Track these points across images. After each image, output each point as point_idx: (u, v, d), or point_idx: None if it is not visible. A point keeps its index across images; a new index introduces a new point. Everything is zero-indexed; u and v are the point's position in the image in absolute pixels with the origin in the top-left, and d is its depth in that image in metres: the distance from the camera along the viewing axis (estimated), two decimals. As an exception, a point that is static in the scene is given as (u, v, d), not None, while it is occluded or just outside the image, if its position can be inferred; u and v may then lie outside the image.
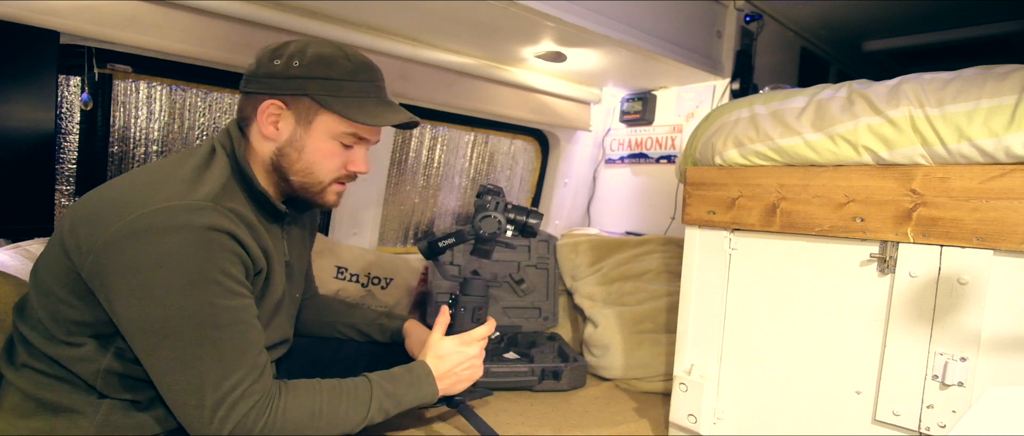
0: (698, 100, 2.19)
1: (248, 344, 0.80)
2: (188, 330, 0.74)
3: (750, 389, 1.25)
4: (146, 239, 0.73)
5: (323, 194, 0.95)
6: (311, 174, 0.92)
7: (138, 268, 0.73)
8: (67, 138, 1.43)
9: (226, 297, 0.77)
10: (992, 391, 0.59)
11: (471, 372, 1.05)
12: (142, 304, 0.74)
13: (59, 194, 1.45)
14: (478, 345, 1.06)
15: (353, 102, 0.89)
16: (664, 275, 1.95)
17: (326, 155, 0.91)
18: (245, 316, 0.80)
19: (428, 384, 0.98)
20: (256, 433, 0.77)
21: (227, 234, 0.77)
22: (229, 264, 0.78)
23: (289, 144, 0.90)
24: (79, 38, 1.32)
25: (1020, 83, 0.91)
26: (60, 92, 1.39)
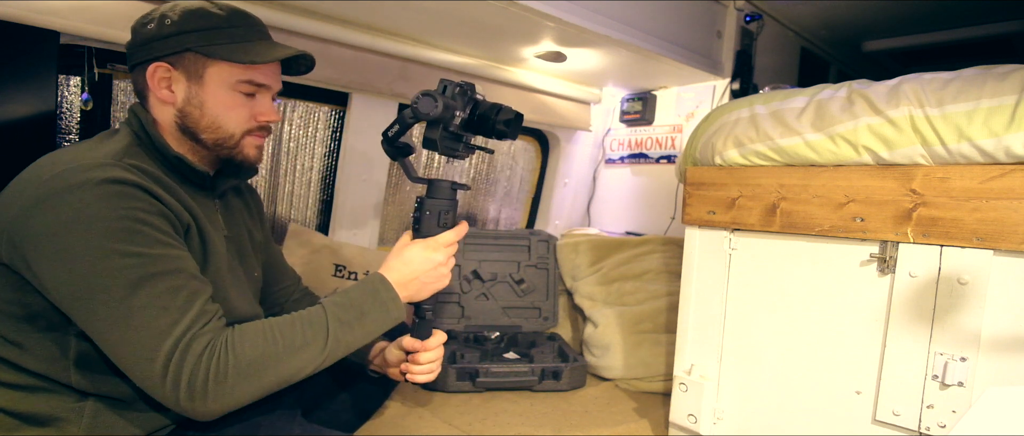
0: (698, 100, 2.19)
1: (194, 292, 0.75)
2: (120, 282, 0.70)
3: (750, 389, 1.25)
4: (52, 203, 0.70)
5: (240, 148, 0.92)
6: (219, 128, 0.89)
7: (51, 233, 0.70)
8: (67, 138, 1.43)
9: (153, 245, 0.73)
10: (992, 391, 0.59)
11: (436, 279, 0.96)
12: (66, 269, 0.70)
13: (59, 194, 1.44)
14: (445, 250, 0.97)
15: (237, 46, 0.87)
16: (664, 275, 1.95)
17: (228, 106, 0.89)
18: (183, 264, 0.76)
19: (386, 291, 0.90)
20: (208, 374, 0.72)
21: (134, 185, 0.74)
22: (145, 213, 0.74)
23: (188, 103, 0.87)
24: (79, 38, 1.32)
25: (1020, 83, 0.91)
26: (60, 92, 1.39)
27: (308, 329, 0.81)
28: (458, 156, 1.02)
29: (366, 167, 1.89)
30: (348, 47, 1.63)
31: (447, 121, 0.95)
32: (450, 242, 0.98)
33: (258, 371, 0.75)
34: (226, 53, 0.86)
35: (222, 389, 0.72)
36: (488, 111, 0.98)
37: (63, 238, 0.70)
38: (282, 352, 0.78)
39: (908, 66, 1.45)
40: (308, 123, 1.86)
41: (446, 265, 0.98)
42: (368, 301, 0.88)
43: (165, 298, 0.72)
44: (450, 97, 0.96)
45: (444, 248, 0.97)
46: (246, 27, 0.90)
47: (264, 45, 0.91)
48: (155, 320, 0.71)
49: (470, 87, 0.99)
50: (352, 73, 1.67)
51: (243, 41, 0.88)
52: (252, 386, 0.75)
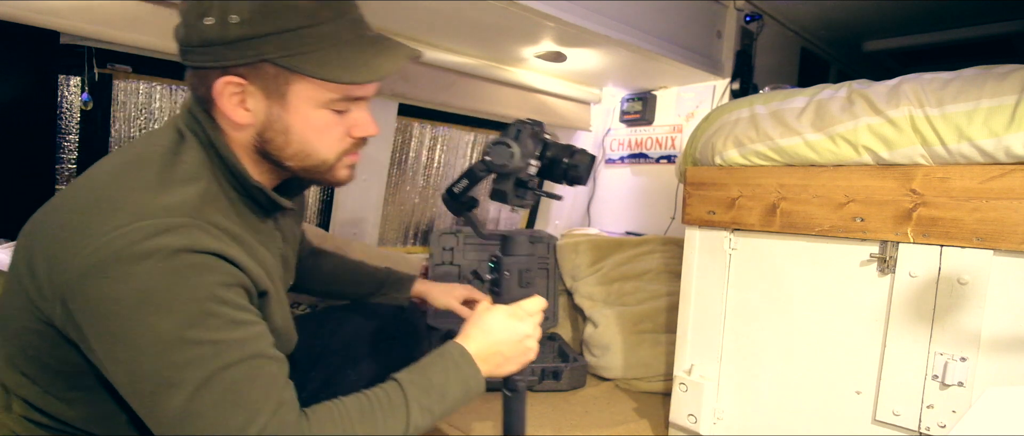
0: (698, 100, 2.19)
1: (270, 379, 0.64)
2: (191, 377, 0.59)
3: (750, 389, 1.25)
4: (113, 276, 0.57)
5: (333, 172, 0.76)
6: (309, 156, 0.73)
7: (112, 314, 0.58)
8: (67, 138, 1.43)
9: (229, 329, 0.61)
10: (992, 391, 0.59)
11: (522, 352, 0.82)
12: (129, 356, 0.59)
13: (59, 194, 1.45)
14: (531, 319, 0.82)
15: (327, 55, 0.67)
16: (664, 275, 1.95)
17: (319, 130, 0.72)
18: (260, 346, 0.64)
19: (467, 366, 0.77)
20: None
21: (214, 255, 0.62)
22: (223, 290, 0.62)
23: (268, 127, 0.70)
24: (79, 38, 1.32)
25: (1020, 83, 0.91)
26: (60, 92, 1.39)
27: (387, 417, 0.69)
28: (525, 205, 0.89)
29: (366, 166, 1.89)
30: (348, 47, 1.63)
31: (523, 171, 0.83)
32: (537, 309, 0.84)
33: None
34: (316, 66, 0.67)
35: None
36: (559, 154, 0.85)
37: (127, 321, 0.58)
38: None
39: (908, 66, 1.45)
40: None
41: (534, 336, 0.83)
42: (449, 380, 0.75)
43: (240, 392, 0.61)
44: (523, 143, 0.83)
45: (530, 318, 0.83)
46: (338, 21, 0.69)
47: (363, 50, 0.70)
48: (228, 419, 0.60)
49: (540, 127, 0.86)
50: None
51: (336, 45, 0.68)
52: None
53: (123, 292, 0.57)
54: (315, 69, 0.67)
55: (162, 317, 0.58)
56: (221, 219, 0.67)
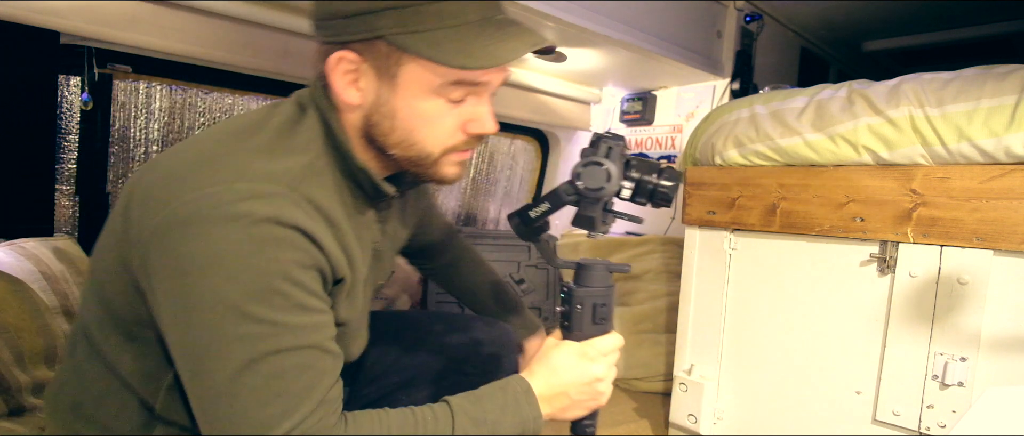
0: (698, 100, 2.19)
1: (319, 374, 0.60)
2: (240, 353, 0.56)
3: (750, 389, 1.25)
4: (194, 232, 0.56)
5: (437, 167, 0.69)
6: (412, 146, 0.66)
7: (182, 271, 0.56)
8: (67, 138, 1.43)
9: (292, 312, 0.58)
10: (992, 391, 0.59)
11: (591, 397, 0.73)
12: (186, 314, 0.57)
13: (59, 194, 1.45)
14: (604, 361, 0.73)
15: (444, 35, 0.61)
16: (664, 275, 1.95)
17: (426, 119, 0.65)
18: (318, 338, 0.61)
19: (528, 406, 0.69)
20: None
21: (300, 231, 0.58)
22: (299, 270, 0.59)
23: (376, 110, 0.65)
24: (79, 38, 1.32)
25: (1020, 83, 0.91)
26: (60, 92, 1.39)
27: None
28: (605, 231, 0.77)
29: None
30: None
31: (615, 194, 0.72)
32: (611, 349, 0.75)
33: None
34: (429, 46, 0.61)
35: None
36: (645, 173, 0.73)
37: (193, 281, 0.56)
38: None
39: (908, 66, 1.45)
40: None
41: (606, 380, 0.74)
42: (505, 417, 0.68)
43: (285, 381, 0.58)
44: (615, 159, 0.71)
45: (603, 359, 0.73)
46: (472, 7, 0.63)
47: (486, 32, 0.63)
48: (265, 407, 0.57)
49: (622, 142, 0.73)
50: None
51: (456, 25, 0.62)
52: None
53: (199, 249, 0.55)
54: (427, 49, 0.61)
55: (228, 283, 0.55)
56: (320, 196, 0.63)
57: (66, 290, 1.21)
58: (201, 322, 0.56)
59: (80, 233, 1.49)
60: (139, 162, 1.58)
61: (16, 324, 1.05)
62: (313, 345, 0.60)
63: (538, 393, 0.70)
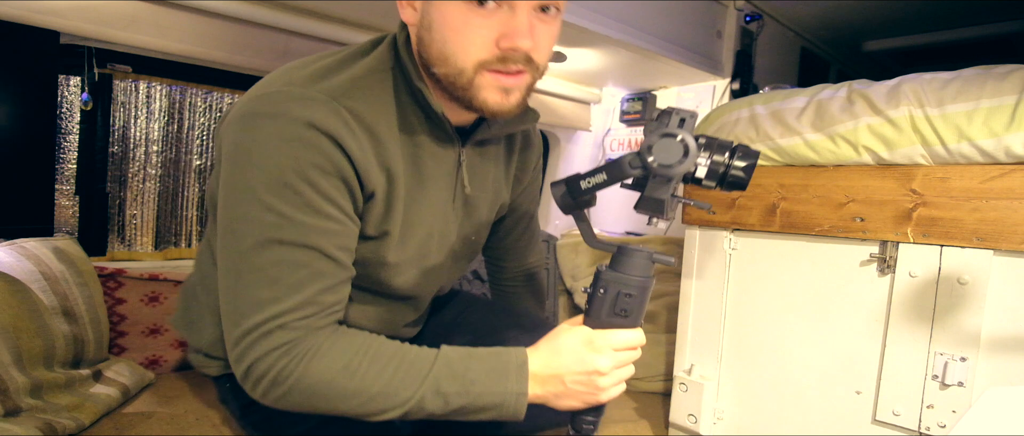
0: (698, 100, 2.19)
1: (314, 275, 0.64)
2: (249, 236, 0.62)
3: (750, 389, 1.25)
4: (246, 124, 0.63)
5: (472, 90, 0.67)
6: (446, 59, 0.66)
7: (232, 155, 0.64)
8: (67, 138, 1.43)
9: (303, 211, 0.62)
10: (992, 391, 0.59)
11: (587, 390, 0.69)
12: (226, 194, 0.65)
13: (59, 194, 1.45)
14: (612, 356, 0.69)
15: None
16: (664, 275, 1.95)
17: (456, 28, 0.65)
18: (322, 241, 0.64)
19: (516, 379, 0.67)
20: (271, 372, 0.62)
21: (328, 136, 0.63)
22: (316, 173, 0.63)
23: (422, 25, 0.68)
24: (79, 38, 1.32)
25: (1020, 83, 0.91)
26: (60, 92, 1.39)
27: (398, 378, 0.65)
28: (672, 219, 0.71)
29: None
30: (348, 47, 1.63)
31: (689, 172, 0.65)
32: (625, 345, 0.69)
33: (317, 395, 0.64)
34: None
35: (275, 392, 0.64)
36: (717, 152, 0.66)
37: (236, 165, 0.64)
38: (355, 388, 0.64)
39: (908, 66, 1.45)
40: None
41: (608, 376, 0.69)
42: (489, 381, 0.67)
43: (281, 269, 0.63)
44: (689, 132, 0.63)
45: (612, 353, 0.69)
46: None
47: None
48: (260, 288, 0.63)
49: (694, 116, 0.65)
50: (352, 73, 1.67)
51: None
52: (306, 405, 0.65)
53: (243, 140, 0.63)
54: None
55: (254, 171, 0.62)
56: (365, 110, 0.67)
57: (66, 290, 1.21)
58: (229, 202, 0.64)
59: (80, 233, 1.49)
60: (139, 162, 1.58)
61: (15, 324, 1.05)
62: (314, 246, 0.64)
63: (533, 371, 0.68)
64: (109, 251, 1.56)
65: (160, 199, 1.64)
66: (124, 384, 1.24)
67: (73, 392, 1.13)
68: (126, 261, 1.56)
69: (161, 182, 1.63)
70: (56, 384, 1.10)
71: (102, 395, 1.17)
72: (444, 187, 0.77)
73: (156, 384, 1.35)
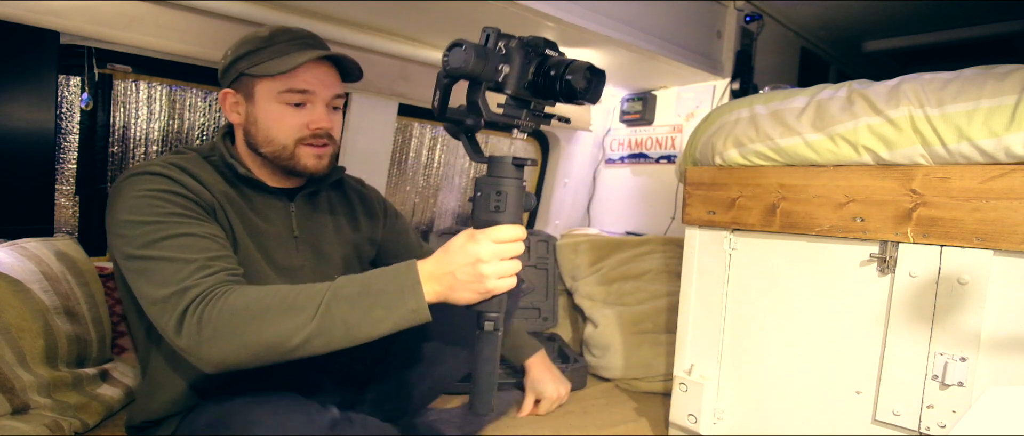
0: (698, 100, 2.19)
1: (199, 248, 0.82)
2: (139, 243, 0.81)
3: (750, 389, 1.25)
4: (115, 191, 0.87)
5: (295, 159, 0.98)
6: (272, 141, 0.97)
7: (108, 218, 0.86)
8: (67, 138, 1.43)
9: (169, 216, 0.83)
10: (992, 391, 0.59)
11: (473, 278, 0.77)
12: (113, 240, 0.84)
13: (59, 194, 1.45)
14: (491, 246, 0.76)
15: (276, 61, 0.93)
16: (664, 275, 1.95)
17: (276, 118, 0.96)
18: (196, 229, 0.84)
19: (408, 276, 0.77)
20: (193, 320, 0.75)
21: (160, 175, 0.86)
22: (164, 193, 0.85)
23: (248, 122, 0.98)
24: (79, 38, 1.32)
25: (1020, 83, 0.91)
26: (60, 92, 1.39)
27: (303, 295, 0.76)
28: (521, 126, 0.82)
29: (366, 166, 1.89)
30: (348, 47, 1.63)
31: (489, 78, 0.75)
32: (502, 238, 0.78)
33: (238, 324, 0.74)
34: (265, 68, 0.93)
35: (202, 338, 0.74)
36: (555, 67, 0.77)
37: (112, 218, 0.85)
38: (267, 310, 0.74)
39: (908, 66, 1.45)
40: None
41: (490, 263, 0.76)
42: (382, 280, 0.78)
43: (176, 252, 0.80)
44: (495, 49, 0.75)
45: (491, 242, 0.77)
46: (288, 41, 0.95)
47: (298, 53, 0.94)
48: (166, 271, 0.79)
49: (534, 42, 0.78)
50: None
51: (283, 54, 0.94)
52: (233, 339, 0.74)
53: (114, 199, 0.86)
54: (265, 69, 0.93)
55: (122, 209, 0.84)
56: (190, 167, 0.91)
57: (66, 290, 1.21)
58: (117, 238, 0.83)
59: (80, 233, 1.49)
60: (139, 162, 1.58)
61: (17, 324, 1.05)
62: (188, 233, 0.83)
63: (426, 271, 0.79)
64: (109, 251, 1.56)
65: (160, 199, 1.64)
66: (128, 385, 1.24)
67: (81, 391, 1.13)
68: (126, 261, 1.56)
69: (161, 182, 1.63)
70: (64, 383, 1.10)
71: (107, 395, 1.17)
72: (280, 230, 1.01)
73: (156, 384, 1.35)
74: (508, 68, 0.76)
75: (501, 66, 0.76)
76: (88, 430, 1.09)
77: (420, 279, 0.77)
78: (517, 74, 0.77)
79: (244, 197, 0.98)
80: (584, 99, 0.77)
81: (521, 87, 0.78)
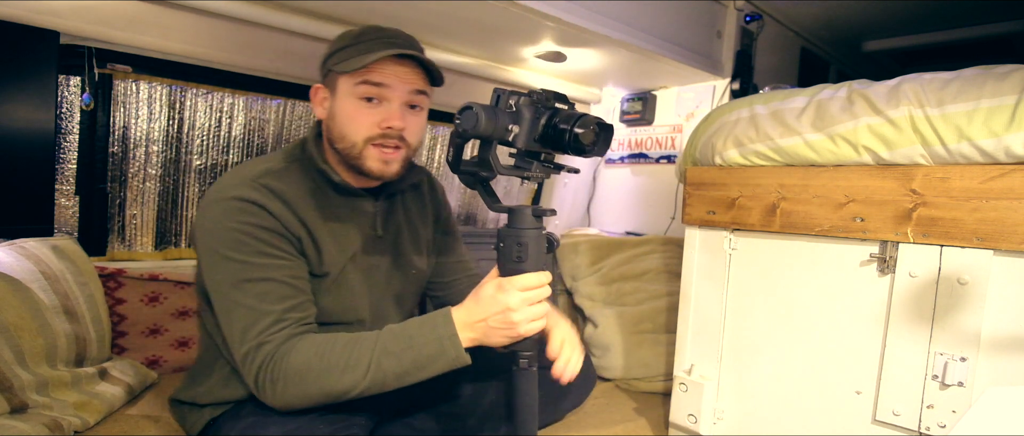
0: (698, 100, 2.19)
1: (277, 297, 0.88)
2: (226, 285, 0.87)
3: (750, 389, 1.25)
4: (201, 214, 0.91)
5: (362, 159, 0.95)
6: (344, 138, 0.95)
7: (199, 238, 0.91)
8: (67, 138, 1.43)
9: (255, 255, 0.87)
10: (992, 391, 0.59)
11: (504, 325, 0.83)
12: (204, 267, 0.90)
13: (59, 194, 1.45)
14: (518, 294, 0.82)
15: (352, 56, 0.93)
16: (664, 275, 1.95)
17: (350, 115, 0.94)
18: (276, 274, 0.89)
19: (445, 327, 0.85)
20: (267, 375, 0.84)
21: (252, 203, 0.89)
22: (258, 229, 0.88)
23: (329, 117, 0.98)
24: (79, 38, 1.32)
25: (1020, 83, 0.91)
26: (60, 92, 1.39)
27: (354, 351, 0.85)
28: (532, 178, 0.86)
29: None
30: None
31: (499, 137, 0.80)
32: (528, 286, 0.83)
33: (302, 381, 0.84)
34: (347, 65, 0.92)
35: (276, 390, 0.85)
36: (564, 121, 0.80)
37: (202, 240, 0.90)
38: (325, 369, 0.84)
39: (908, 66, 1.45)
40: (308, 123, 1.86)
41: (518, 311, 0.83)
42: (423, 334, 0.86)
43: (256, 301, 0.86)
44: (505, 108, 0.81)
45: (518, 291, 0.83)
46: (373, 39, 0.94)
47: (372, 48, 0.92)
48: (243, 317, 0.86)
49: (544, 96, 0.83)
50: (352, 73, 1.67)
51: (365, 52, 0.92)
52: (300, 393, 0.84)
53: (203, 221, 0.90)
54: (342, 66, 0.92)
55: (216, 239, 0.88)
56: (277, 184, 0.93)
57: (66, 290, 1.21)
58: (206, 267, 0.90)
59: (80, 233, 1.49)
60: (139, 162, 1.58)
61: (16, 323, 1.05)
62: (271, 279, 0.88)
63: (461, 320, 0.86)
64: (109, 251, 1.56)
65: (160, 199, 1.64)
66: (128, 383, 1.24)
67: (79, 390, 1.13)
68: (126, 261, 1.56)
69: (161, 182, 1.63)
70: (62, 382, 1.10)
71: (107, 394, 1.17)
72: (362, 228, 1.03)
73: (159, 385, 1.35)
74: (517, 128, 0.80)
75: (511, 126, 0.80)
76: (89, 428, 1.09)
77: (456, 330, 0.85)
78: (527, 130, 0.81)
79: (331, 202, 0.99)
80: (592, 154, 0.81)
81: (531, 141, 0.82)
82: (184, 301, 1.48)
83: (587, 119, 0.79)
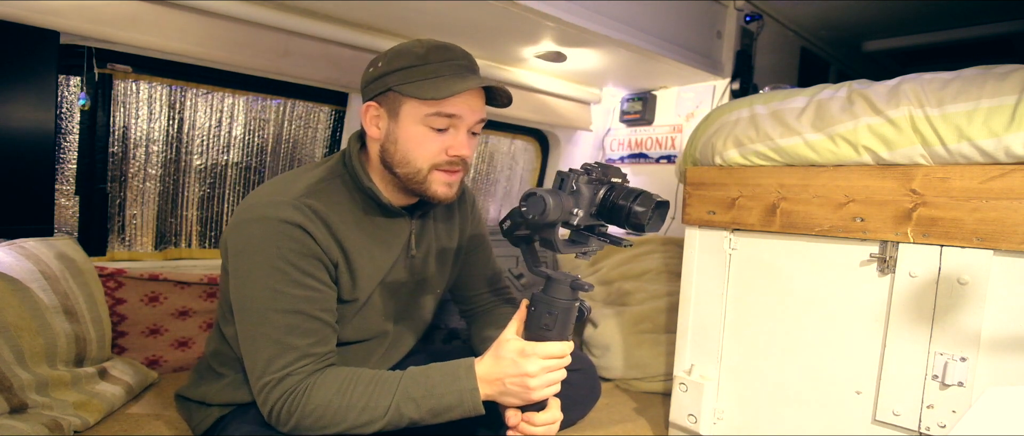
0: (698, 100, 2.19)
1: (304, 332, 0.86)
2: (255, 310, 0.86)
3: (750, 389, 1.25)
4: (241, 228, 0.88)
5: (426, 184, 0.94)
6: (408, 163, 0.93)
7: (235, 252, 0.88)
8: (67, 138, 1.43)
9: (289, 285, 0.86)
10: (992, 391, 0.59)
11: (520, 389, 0.85)
12: (234, 283, 0.88)
13: (59, 194, 1.44)
14: (539, 363, 0.84)
15: (427, 82, 0.89)
16: (664, 275, 1.95)
17: (417, 142, 0.92)
18: (307, 307, 0.87)
19: (467, 380, 0.86)
20: (284, 407, 0.84)
21: (297, 227, 0.86)
22: (296, 255, 0.86)
23: (387, 139, 0.94)
24: (79, 38, 1.32)
25: (1020, 83, 0.91)
26: (60, 92, 1.39)
27: (375, 392, 0.85)
28: (588, 253, 0.89)
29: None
30: (348, 47, 1.63)
31: (564, 221, 0.81)
32: (550, 354, 0.85)
33: (321, 418, 0.84)
34: (416, 90, 0.89)
35: (291, 423, 0.85)
36: (623, 198, 0.80)
37: (237, 259, 0.88)
38: (344, 407, 0.84)
39: (908, 66, 1.45)
40: (308, 123, 1.86)
41: (536, 377, 0.84)
42: (445, 383, 0.86)
43: (283, 334, 0.85)
44: (569, 193, 0.81)
45: (540, 359, 0.84)
46: (442, 62, 0.91)
47: (454, 80, 0.90)
48: (268, 348, 0.85)
49: (603, 171, 0.84)
50: (352, 73, 1.67)
51: (435, 76, 0.90)
52: (316, 429, 0.84)
53: (239, 240, 0.88)
54: (416, 91, 0.89)
55: (252, 261, 0.86)
56: (321, 206, 0.90)
57: (66, 289, 1.21)
58: (238, 287, 0.87)
59: (80, 233, 1.49)
60: (139, 162, 1.58)
61: (16, 323, 1.05)
62: (302, 311, 0.87)
63: (480, 374, 0.86)
64: (109, 251, 1.56)
65: (160, 199, 1.64)
66: (128, 383, 1.24)
67: (79, 390, 1.13)
68: (126, 261, 1.56)
69: (161, 182, 1.63)
70: (62, 382, 1.10)
71: (107, 393, 1.17)
72: (396, 248, 1.01)
73: (159, 384, 1.35)
74: (580, 211, 0.81)
75: (575, 210, 0.81)
76: (88, 428, 1.09)
77: (478, 385, 0.86)
78: (586, 208, 0.82)
79: (372, 223, 0.98)
80: (649, 229, 0.80)
81: (589, 217, 0.82)
82: (184, 301, 1.48)
83: (645, 197, 0.79)
